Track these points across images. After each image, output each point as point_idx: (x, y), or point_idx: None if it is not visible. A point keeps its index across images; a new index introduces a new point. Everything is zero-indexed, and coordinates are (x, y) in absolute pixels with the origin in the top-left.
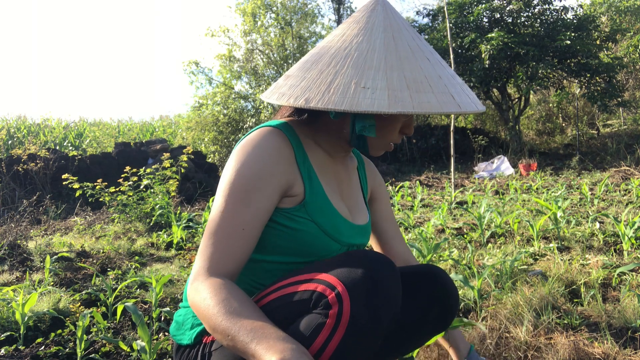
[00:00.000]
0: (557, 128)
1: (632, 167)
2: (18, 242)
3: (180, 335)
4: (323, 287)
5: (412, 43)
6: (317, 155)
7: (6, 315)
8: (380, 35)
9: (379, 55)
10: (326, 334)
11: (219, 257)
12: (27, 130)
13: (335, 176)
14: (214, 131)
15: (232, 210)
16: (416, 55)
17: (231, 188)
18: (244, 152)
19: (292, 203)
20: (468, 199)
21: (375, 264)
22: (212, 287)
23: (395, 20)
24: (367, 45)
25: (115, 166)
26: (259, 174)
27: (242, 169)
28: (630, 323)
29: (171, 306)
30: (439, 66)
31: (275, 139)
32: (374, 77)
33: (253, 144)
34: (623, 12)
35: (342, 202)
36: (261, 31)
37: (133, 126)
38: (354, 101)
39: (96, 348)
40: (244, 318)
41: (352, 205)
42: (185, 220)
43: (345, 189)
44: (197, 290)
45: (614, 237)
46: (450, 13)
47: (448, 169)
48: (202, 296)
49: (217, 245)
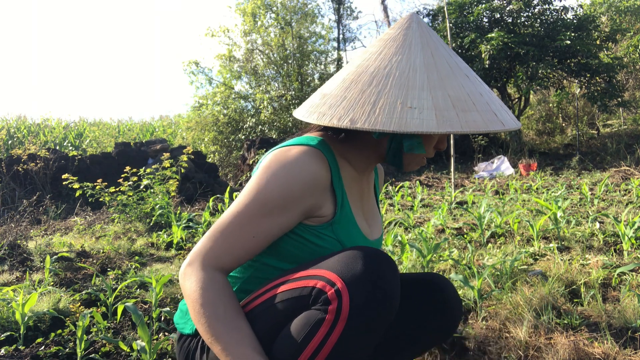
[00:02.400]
0: (557, 128)
1: (632, 167)
2: (18, 242)
3: (183, 324)
4: (323, 283)
5: (451, 60)
6: (348, 174)
7: (6, 315)
8: (419, 53)
9: (421, 75)
10: (325, 329)
11: (221, 253)
12: (27, 130)
13: (359, 193)
14: (214, 131)
15: (249, 217)
16: (456, 73)
17: (256, 196)
18: (281, 167)
19: (319, 221)
20: (468, 199)
21: (374, 260)
22: (204, 282)
23: (431, 38)
24: (407, 64)
25: (115, 166)
26: (289, 196)
27: (273, 184)
28: (630, 323)
29: (171, 306)
30: (478, 83)
31: (316, 163)
32: (419, 97)
33: (290, 162)
34: (623, 12)
35: (363, 219)
36: (261, 31)
37: (133, 126)
38: (402, 122)
39: (96, 348)
40: (224, 327)
41: (371, 220)
42: (185, 220)
43: (366, 204)
44: (189, 277)
45: (614, 237)
46: (450, 13)
47: (448, 169)
48: (192, 287)
49: (223, 241)
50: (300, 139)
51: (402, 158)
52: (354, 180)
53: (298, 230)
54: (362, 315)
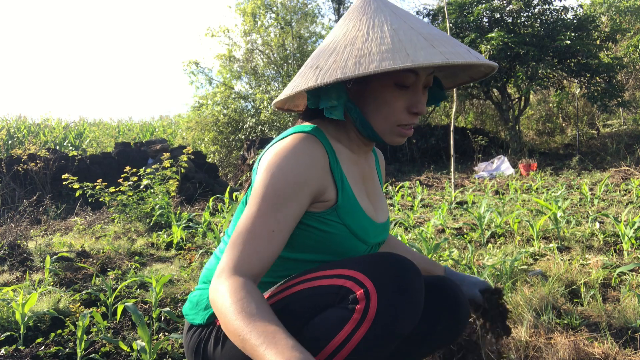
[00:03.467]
0: (557, 128)
1: (632, 167)
2: (18, 242)
3: (193, 315)
4: (351, 283)
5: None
6: (345, 157)
7: (6, 315)
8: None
9: (341, 39)
10: (350, 327)
11: (245, 257)
12: (27, 130)
13: (361, 175)
14: (214, 131)
15: (264, 214)
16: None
17: (266, 193)
18: (280, 158)
19: (324, 207)
20: (468, 199)
21: (403, 267)
22: (232, 285)
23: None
24: (354, 33)
25: (115, 166)
26: (294, 182)
27: (278, 176)
28: (630, 323)
29: (171, 306)
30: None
31: (312, 145)
32: (328, 57)
33: (289, 150)
34: (623, 12)
35: (368, 202)
36: (261, 31)
37: (133, 126)
38: (308, 80)
39: (96, 348)
40: (258, 321)
41: (376, 203)
42: (185, 220)
43: (370, 187)
44: (218, 287)
45: (614, 237)
46: (450, 13)
47: (448, 169)
48: (221, 293)
49: (245, 245)
50: (293, 129)
51: (372, 128)
52: (353, 163)
53: (304, 219)
54: (388, 319)
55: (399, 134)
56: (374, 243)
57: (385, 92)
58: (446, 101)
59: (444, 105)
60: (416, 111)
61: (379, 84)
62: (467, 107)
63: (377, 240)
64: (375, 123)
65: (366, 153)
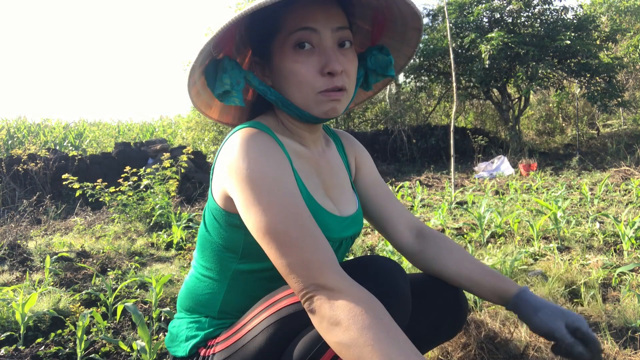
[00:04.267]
0: (557, 128)
1: (632, 167)
2: (18, 242)
3: (175, 347)
4: None
5: None
6: (293, 150)
7: (6, 315)
8: None
9: None
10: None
11: (315, 258)
12: (27, 131)
13: (315, 168)
14: (214, 131)
15: (285, 205)
16: None
17: (264, 188)
18: (246, 151)
19: None
20: (468, 199)
21: (386, 268)
22: (349, 311)
23: None
24: None
25: (115, 166)
26: (274, 162)
27: (256, 168)
28: (630, 323)
29: (171, 306)
30: None
31: (259, 133)
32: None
33: (246, 143)
34: (623, 12)
35: (326, 196)
36: None
37: (133, 126)
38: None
39: (96, 348)
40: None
41: (338, 196)
42: (185, 220)
43: (328, 179)
44: (322, 317)
45: (614, 237)
46: (450, 13)
47: (448, 169)
48: (342, 327)
49: (309, 243)
50: (232, 131)
51: (294, 106)
52: (301, 156)
53: None
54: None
55: (325, 101)
56: (342, 238)
57: (287, 59)
58: (446, 101)
59: (444, 105)
60: (329, 70)
61: (279, 55)
62: (467, 107)
63: (346, 235)
64: (294, 98)
65: (315, 142)
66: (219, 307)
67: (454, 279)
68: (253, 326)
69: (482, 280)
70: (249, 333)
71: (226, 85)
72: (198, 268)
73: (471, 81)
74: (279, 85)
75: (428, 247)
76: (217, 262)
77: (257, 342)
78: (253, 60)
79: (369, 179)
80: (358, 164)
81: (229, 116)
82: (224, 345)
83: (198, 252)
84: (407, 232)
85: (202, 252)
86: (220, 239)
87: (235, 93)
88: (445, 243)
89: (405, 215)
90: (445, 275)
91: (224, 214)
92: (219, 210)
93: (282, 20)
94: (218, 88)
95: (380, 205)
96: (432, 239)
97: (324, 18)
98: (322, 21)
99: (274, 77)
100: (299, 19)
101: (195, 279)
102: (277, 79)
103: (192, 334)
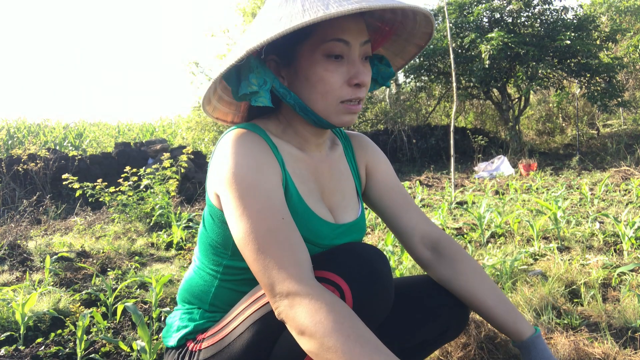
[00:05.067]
0: (557, 128)
1: (632, 167)
2: (18, 242)
3: (168, 337)
4: (329, 286)
5: None
6: (289, 153)
7: (6, 315)
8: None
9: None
10: None
11: (287, 260)
12: (27, 131)
13: (313, 173)
14: (214, 131)
15: (258, 210)
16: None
17: (242, 192)
18: (231, 153)
19: None
20: (468, 199)
21: (368, 256)
22: (312, 305)
23: None
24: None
25: (115, 166)
26: (256, 165)
27: (240, 170)
28: (630, 323)
29: (171, 306)
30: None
31: (251, 136)
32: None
33: (233, 144)
34: (623, 12)
35: (321, 201)
36: None
37: (133, 126)
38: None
39: (96, 348)
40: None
41: (337, 203)
42: (185, 220)
43: (327, 185)
44: (296, 312)
45: (614, 237)
46: (450, 13)
47: (448, 169)
48: (309, 320)
49: (275, 249)
50: (226, 131)
51: (313, 112)
52: (299, 159)
53: None
54: (365, 310)
55: (345, 112)
56: (333, 245)
57: (317, 67)
58: (446, 101)
59: (444, 105)
60: (357, 82)
61: (308, 61)
62: (467, 107)
63: (339, 242)
64: (316, 105)
65: (319, 146)
66: (210, 299)
67: (466, 301)
68: (238, 323)
69: (495, 311)
70: (235, 330)
71: (253, 85)
72: (196, 261)
73: (471, 81)
74: (298, 88)
75: (442, 266)
76: (211, 256)
77: (243, 340)
78: (269, 58)
79: (383, 186)
80: (370, 170)
81: (229, 115)
82: (210, 342)
83: (197, 246)
84: (420, 246)
85: (200, 246)
86: (214, 234)
87: (262, 93)
88: (461, 266)
89: (420, 227)
90: (457, 294)
91: (216, 210)
92: (212, 207)
93: (315, 27)
94: (244, 88)
95: (394, 215)
96: (447, 258)
97: (356, 31)
98: (355, 34)
99: (292, 79)
100: (335, 30)
101: (193, 272)
102: (298, 82)
103: (184, 324)
